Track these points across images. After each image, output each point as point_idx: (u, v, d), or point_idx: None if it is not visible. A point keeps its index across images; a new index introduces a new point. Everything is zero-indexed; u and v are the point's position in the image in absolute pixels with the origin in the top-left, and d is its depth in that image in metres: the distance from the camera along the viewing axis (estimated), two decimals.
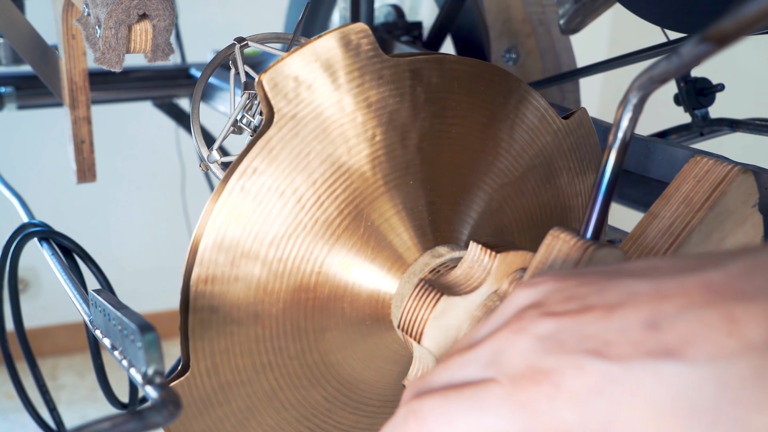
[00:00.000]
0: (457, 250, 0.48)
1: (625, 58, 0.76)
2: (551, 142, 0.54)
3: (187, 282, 0.43)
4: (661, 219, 0.44)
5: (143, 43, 0.55)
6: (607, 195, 0.37)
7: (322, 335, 0.47)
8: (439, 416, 0.30)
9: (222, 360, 0.45)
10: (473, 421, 0.29)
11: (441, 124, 0.49)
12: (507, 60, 1.00)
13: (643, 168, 0.65)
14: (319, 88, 0.44)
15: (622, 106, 0.37)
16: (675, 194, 0.44)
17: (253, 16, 2.23)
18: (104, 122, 1.79)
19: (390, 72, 0.46)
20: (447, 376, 0.32)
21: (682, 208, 0.43)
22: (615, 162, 0.37)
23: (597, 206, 0.37)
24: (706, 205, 0.43)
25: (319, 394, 0.49)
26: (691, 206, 0.43)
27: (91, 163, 0.83)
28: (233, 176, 0.43)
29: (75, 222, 2.13)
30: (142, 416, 0.33)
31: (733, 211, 0.43)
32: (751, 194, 0.44)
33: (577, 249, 0.36)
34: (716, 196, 0.43)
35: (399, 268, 0.47)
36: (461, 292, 0.42)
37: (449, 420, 0.30)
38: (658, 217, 0.44)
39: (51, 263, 0.60)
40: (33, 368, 0.70)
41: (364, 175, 0.46)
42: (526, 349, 0.29)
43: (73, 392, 2.10)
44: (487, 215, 0.52)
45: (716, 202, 0.43)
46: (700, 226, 0.42)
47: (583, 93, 1.01)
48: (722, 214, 0.43)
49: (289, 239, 0.45)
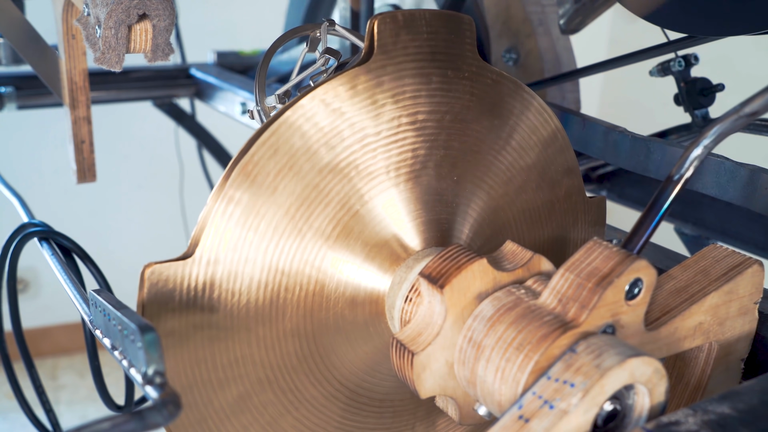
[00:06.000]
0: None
1: (625, 58, 0.76)
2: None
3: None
4: (678, 281, 0.48)
5: (143, 43, 0.55)
6: (659, 219, 0.43)
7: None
8: None
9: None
10: None
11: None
12: (507, 60, 1.00)
13: (643, 168, 0.65)
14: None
15: (695, 143, 0.43)
16: (693, 265, 0.49)
17: (253, 16, 2.23)
18: (104, 122, 1.79)
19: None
20: None
21: (699, 277, 0.48)
22: (676, 192, 0.44)
23: (648, 227, 0.44)
24: (723, 278, 0.47)
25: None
26: (708, 277, 0.48)
27: (91, 163, 0.83)
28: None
29: (75, 222, 2.13)
30: (142, 416, 0.33)
31: (742, 296, 0.48)
32: (758, 290, 0.49)
33: (618, 255, 0.40)
34: (732, 274, 0.48)
35: (398, 267, 0.48)
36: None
37: None
38: (675, 279, 0.48)
39: (51, 263, 0.60)
40: (30, 369, 0.70)
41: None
42: None
43: (73, 392, 2.10)
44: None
45: (731, 279, 0.47)
46: (715, 292, 0.47)
47: (583, 93, 1.00)
48: (732, 293, 0.47)
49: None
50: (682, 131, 0.85)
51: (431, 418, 0.55)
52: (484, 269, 0.42)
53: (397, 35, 0.46)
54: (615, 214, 0.52)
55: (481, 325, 0.41)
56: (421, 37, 0.47)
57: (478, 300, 0.42)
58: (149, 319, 0.42)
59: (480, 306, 0.42)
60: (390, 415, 0.53)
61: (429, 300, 0.44)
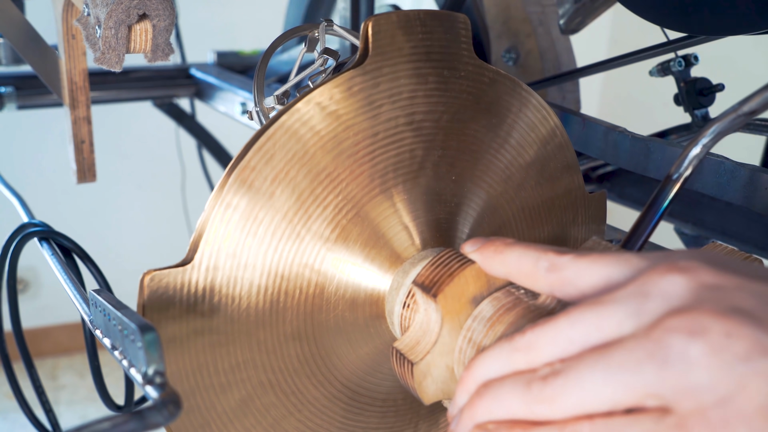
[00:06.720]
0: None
1: (625, 58, 0.76)
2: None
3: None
4: None
5: (143, 43, 0.55)
6: (659, 219, 0.42)
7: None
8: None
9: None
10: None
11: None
12: (507, 60, 1.00)
13: (643, 168, 0.65)
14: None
15: (694, 142, 0.42)
16: None
17: (252, 16, 2.23)
18: (104, 122, 1.79)
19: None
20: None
21: None
22: (675, 192, 0.43)
23: (647, 227, 0.43)
24: None
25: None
26: None
27: (91, 163, 0.83)
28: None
29: (75, 222, 2.13)
30: (143, 416, 0.33)
31: None
32: None
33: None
34: None
35: (397, 267, 0.48)
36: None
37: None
38: None
39: (51, 263, 0.60)
40: (30, 369, 0.70)
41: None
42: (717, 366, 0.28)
43: (73, 392, 2.10)
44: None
45: None
46: None
47: (583, 93, 1.01)
48: None
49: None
50: (682, 131, 0.85)
51: (435, 416, 0.55)
52: (476, 273, 0.42)
53: (393, 36, 0.46)
54: (615, 214, 0.52)
55: (481, 325, 0.41)
56: (416, 38, 0.47)
57: (473, 303, 0.42)
58: None
59: (479, 306, 0.42)
60: (393, 415, 0.53)
61: (424, 308, 0.44)
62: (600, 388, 0.30)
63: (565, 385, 0.31)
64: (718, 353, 0.28)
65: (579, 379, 0.30)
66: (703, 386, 0.28)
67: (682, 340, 0.28)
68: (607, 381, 0.29)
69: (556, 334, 0.32)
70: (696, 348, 0.28)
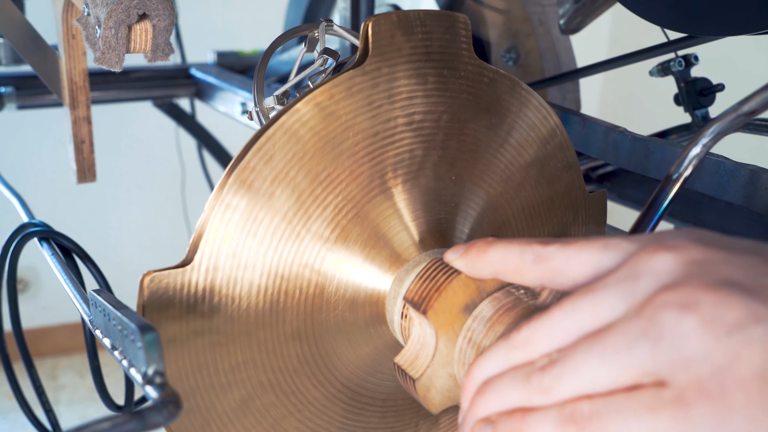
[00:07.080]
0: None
1: (625, 58, 0.76)
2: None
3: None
4: None
5: (143, 43, 0.55)
6: (659, 219, 0.42)
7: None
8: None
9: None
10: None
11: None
12: (507, 60, 1.00)
13: (643, 168, 0.65)
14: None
15: (694, 142, 0.42)
16: None
17: (252, 16, 2.23)
18: (104, 122, 1.79)
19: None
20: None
21: None
22: (675, 191, 0.43)
23: (647, 227, 0.43)
24: None
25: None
26: None
27: (91, 163, 0.83)
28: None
29: (75, 222, 2.13)
30: (143, 416, 0.33)
31: None
32: None
33: None
34: None
35: (397, 268, 0.48)
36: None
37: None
38: None
39: (51, 263, 0.60)
40: (30, 369, 0.70)
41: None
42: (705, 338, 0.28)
43: (73, 392, 2.10)
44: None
45: None
46: None
47: (583, 93, 1.01)
48: None
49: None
50: (682, 131, 0.85)
51: (435, 416, 0.55)
52: (463, 283, 0.42)
53: (392, 36, 0.46)
54: (615, 214, 0.52)
55: (481, 325, 0.41)
56: (416, 38, 0.47)
57: (465, 312, 0.42)
58: None
59: (479, 306, 0.42)
60: (393, 415, 0.53)
61: (418, 322, 0.44)
62: (597, 371, 0.30)
63: (562, 372, 0.31)
64: (710, 324, 0.28)
65: (575, 365, 0.30)
66: (698, 358, 0.28)
67: (674, 315, 0.28)
68: (603, 364, 0.30)
69: (552, 327, 0.32)
70: (688, 321, 0.28)
